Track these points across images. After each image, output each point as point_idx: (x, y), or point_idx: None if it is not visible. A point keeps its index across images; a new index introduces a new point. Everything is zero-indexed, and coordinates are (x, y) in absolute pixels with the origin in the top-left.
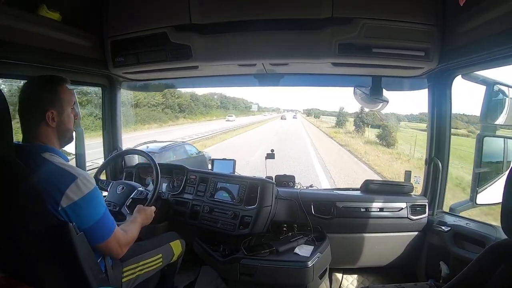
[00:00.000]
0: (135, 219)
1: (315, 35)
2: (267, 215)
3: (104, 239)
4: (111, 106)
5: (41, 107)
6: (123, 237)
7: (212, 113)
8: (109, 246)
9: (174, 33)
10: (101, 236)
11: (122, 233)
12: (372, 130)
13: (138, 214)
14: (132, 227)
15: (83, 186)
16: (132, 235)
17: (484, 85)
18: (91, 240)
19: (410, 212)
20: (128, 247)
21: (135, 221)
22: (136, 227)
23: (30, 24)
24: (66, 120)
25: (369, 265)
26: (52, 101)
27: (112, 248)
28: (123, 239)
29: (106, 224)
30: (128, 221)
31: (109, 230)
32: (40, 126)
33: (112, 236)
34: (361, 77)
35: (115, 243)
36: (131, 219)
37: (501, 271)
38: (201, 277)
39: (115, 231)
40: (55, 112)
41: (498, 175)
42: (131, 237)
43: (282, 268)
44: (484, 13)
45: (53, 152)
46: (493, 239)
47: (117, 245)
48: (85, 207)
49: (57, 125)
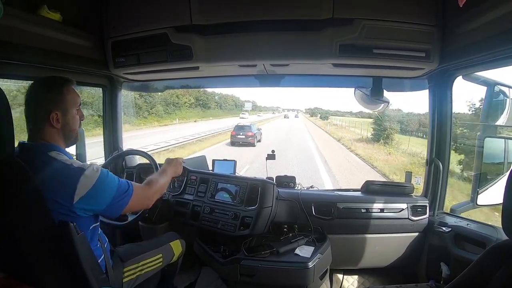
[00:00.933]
0: (165, 169)
1: (316, 36)
2: (268, 216)
3: (125, 205)
4: (112, 107)
5: (45, 108)
6: (145, 190)
7: (181, 114)
8: (132, 206)
9: (174, 33)
10: (121, 205)
11: (143, 189)
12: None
13: (167, 165)
14: (160, 178)
15: (92, 176)
16: (160, 184)
17: (485, 86)
18: (115, 211)
19: (410, 213)
20: (157, 196)
21: (164, 171)
22: (165, 178)
23: (31, 25)
24: (70, 121)
25: (369, 266)
26: (56, 103)
27: (136, 206)
28: (148, 192)
29: (122, 193)
30: (157, 173)
31: (127, 196)
32: (45, 127)
33: (132, 198)
34: (361, 78)
35: (139, 200)
36: (160, 170)
37: (502, 272)
38: (201, 277)
39: (134, 192)
40: (59, 113)
41: (498, 176)
42: (158, 187)
43: (282, 269)
44: (485, 13)
45: (60, 151)
46: (494, 240)
47: (142, 199)
48: (98, 193)
49: (62, 126)
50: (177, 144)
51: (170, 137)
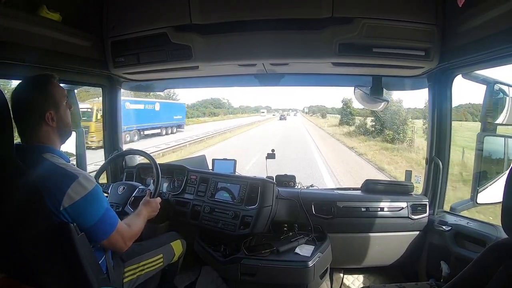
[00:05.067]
0: (140, 211)
1: (316, 35)
2: (268, 215)
3: (107, 235)
4: (112, 106)
5: (39, 109)
6: (126, 231)
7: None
8: (112, 241)
9: (174, 33)
10: (104, 233)
11: (125, 228)
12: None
13: (143, 207)
14: (137, 220)
15: (84, 185)
16: (137, 229)
17: (485, 85)
18: (95, 237)
19: (410, 211)
20: (132, 241)
21: (140, 214)
22: (141, 220)
23: (31, 25)
24: (63, 116)
25: (370, 265)
26: (48, 101)
27: (115, 243)
28: (127, 234)
29: (108, 220)
30: (133, 214)
31: (112, 226)
32: (41, 127)
33: (115, 232)
34: (361, 76)
35: (118, 238)
36: (136, 212)
37: (502, 271)
38: (201, 277)
39: (118, 226)
40: (53, 111)
41: (498, 174)
42: (135, 231)
43: (283, 268)
44: (484, 12)
45: (54, 152)
46: (493, 238)
47: (121, 240)
48: (87, 206)
49: (57, 124)
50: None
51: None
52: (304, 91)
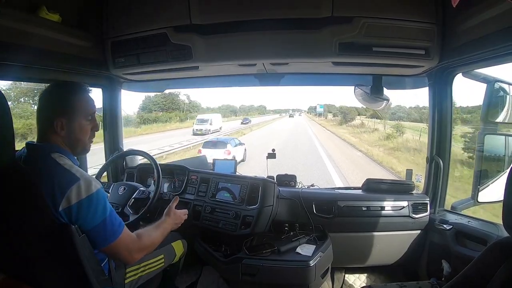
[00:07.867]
0: (162, 223)
1: (315, 35)
2: (269, 215)
3: (108, 243)
4: (112, 107)
5: (51, 113)
6: (133, 242)
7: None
8: (114, 251)
9: (174, 33)
10: (104, 240)
11: (132, 238)
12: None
13: (167, 218)
14: (153, 232)
15: (85, 188)
16: (150, 241)
17: (485, 83)
18: (95, 243)
19: (411, 210)
20: (142, 254)
21: (160, 225)
22: (159, 232)
23: (30, 26)
24: (77, 130)
25: (371, 264)
26: (61, 110)
27: (118, 253)
28: (134, 245)
29: (109, 228)
30: (152, 225)
31: (114, 235)
32: (49, 132)
33: (117, 241)
34: (361, 76)
35: (122, 248)
36: (156, 223)
37: (503, 269)
38: (202, 277)
39: (122, 235)
40: (64, 121)
41: (499, 173)
42: (146, 243)
43: (284, 268)
44: (485, 11)
45: (63, 153)
46: (495, 237)
47: (125, 251)
48: (86, 209)
49: (66, 134)
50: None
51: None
52: (304, 92)
